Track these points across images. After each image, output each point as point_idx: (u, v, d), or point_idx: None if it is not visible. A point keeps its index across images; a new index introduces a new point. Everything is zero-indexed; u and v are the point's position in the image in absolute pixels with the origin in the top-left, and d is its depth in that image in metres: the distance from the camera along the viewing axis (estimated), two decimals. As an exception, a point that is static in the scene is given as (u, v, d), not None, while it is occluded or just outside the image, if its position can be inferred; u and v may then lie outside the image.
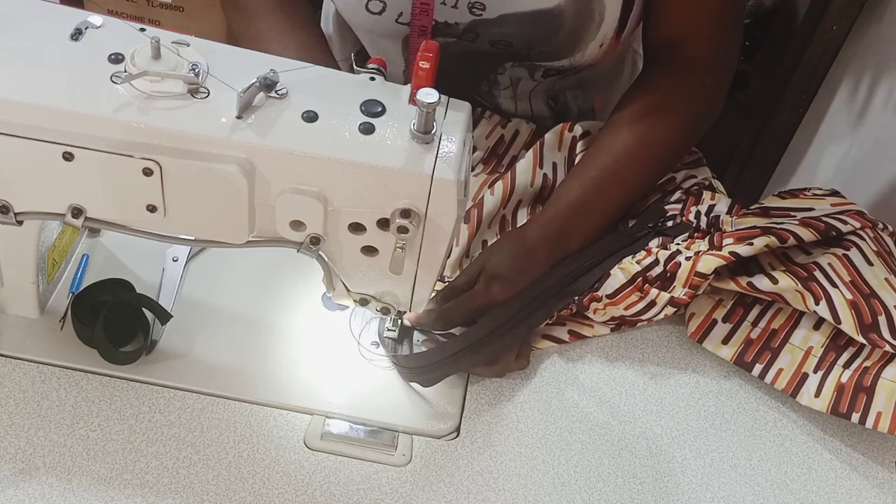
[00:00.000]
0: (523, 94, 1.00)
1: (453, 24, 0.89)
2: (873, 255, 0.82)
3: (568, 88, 1.01)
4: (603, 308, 0.81)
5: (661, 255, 0.82)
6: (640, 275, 0.81)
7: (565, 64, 0.92)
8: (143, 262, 0.83)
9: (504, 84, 0.98)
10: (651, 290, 0.80)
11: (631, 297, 0.81)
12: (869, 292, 0.78)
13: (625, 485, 0.74)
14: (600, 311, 0.81)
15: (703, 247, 0.82)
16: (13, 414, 0.71)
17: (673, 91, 0.89)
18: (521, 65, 0.95)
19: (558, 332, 0.83)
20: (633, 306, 0.81)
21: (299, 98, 0.63)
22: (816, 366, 0.79)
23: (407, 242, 0.65)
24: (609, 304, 0.81)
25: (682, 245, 0.84)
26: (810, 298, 0.78)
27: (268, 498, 0.69)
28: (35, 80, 0.61)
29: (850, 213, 0.85)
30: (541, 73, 0.95)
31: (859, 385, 0.76)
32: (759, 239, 0.80)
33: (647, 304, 0.80)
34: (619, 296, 0.81)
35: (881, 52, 1.23)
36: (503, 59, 0.94)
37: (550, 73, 0.95)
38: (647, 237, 0.86)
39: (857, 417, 0.76)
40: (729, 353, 0.82)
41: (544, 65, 0.93)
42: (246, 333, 0.79)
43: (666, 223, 0.86)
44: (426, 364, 0.75)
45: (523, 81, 0.97)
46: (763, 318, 0.83)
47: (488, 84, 0.98)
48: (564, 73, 0.95)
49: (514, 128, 0.99)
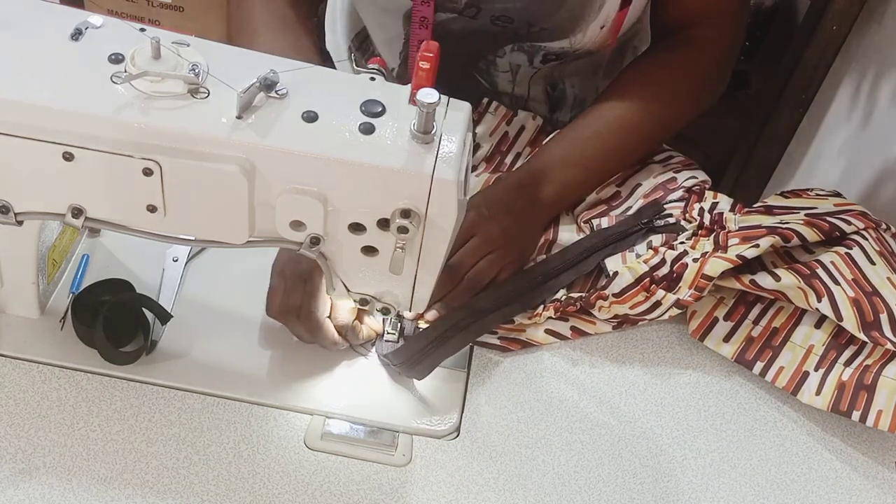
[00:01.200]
0: (523, 80, 1.00)
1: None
2: (876, 254, 0.82)
3: (567, 76, 1.01)
4: (608, 306, 0.81)
5: (669, 255, 0.82)
6: (647, 275, 0.81)
7: (565, 45, 0.93)
8: (143, 262, 0.83)
9: (503, 68, 0.99)
10: (657, 291, 0.80)
11: (637, 297, 0.81)
12: (871, 290, 0.78)
13: (625, 485, 0.74)
14: (605, 309, 0.82)
15: (709, 246, 0.83)
16: (13, 414, 0.71)
17: (672, 66, 0.92)
18: (521, 48, 0.95)
19: (561, 327, 0.83)
20: (639, 306, 0.81)
21: (299, 98, 0.63)
22: (817, 364, 0.79)
23: (407, 242, 0.65)
24: (615, 302, 0.81)
25: (687, 244, 0.84)
26: (812, 295, 0.78)
27: (268, 498, 0.69)
28: (35, 80, 0.61)
29: (853, 213, 0.85)
30: (540, 58, 0.95)
31: (860, 383, 0.76)
32: (765, 239, 0.80)
33: (652, 304, 0.81)
34: (625, 295, 0.81)
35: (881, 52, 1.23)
36: (503, 40, 0.94)
37: (550, 58, 0.96)
38: (639, 233, 0.86)
39: (857, 415, 0.76)
40: (730, 351, 0.82)
41: (544, 46, 0.93)
42: (246, 333, 0.79)
43: (659, 221, 0.87)
44: (411, 355, 0.76)
45: (523, 69, 0.98)
46: (764, 316, 0.83)
47: (486, 63, 0.99)
48: (563, 59, 0.96)
49: (519, 123, 0.99)
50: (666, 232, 0.86)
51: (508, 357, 0.81)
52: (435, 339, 0.77)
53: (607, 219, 0.89)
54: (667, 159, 0.95)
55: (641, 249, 0.85)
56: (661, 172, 0.92)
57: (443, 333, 0.78)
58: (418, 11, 0.88)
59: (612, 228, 0.87)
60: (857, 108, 1.28)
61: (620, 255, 0.85)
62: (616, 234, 0.86)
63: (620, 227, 0.87)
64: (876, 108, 1.24)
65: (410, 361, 0.76)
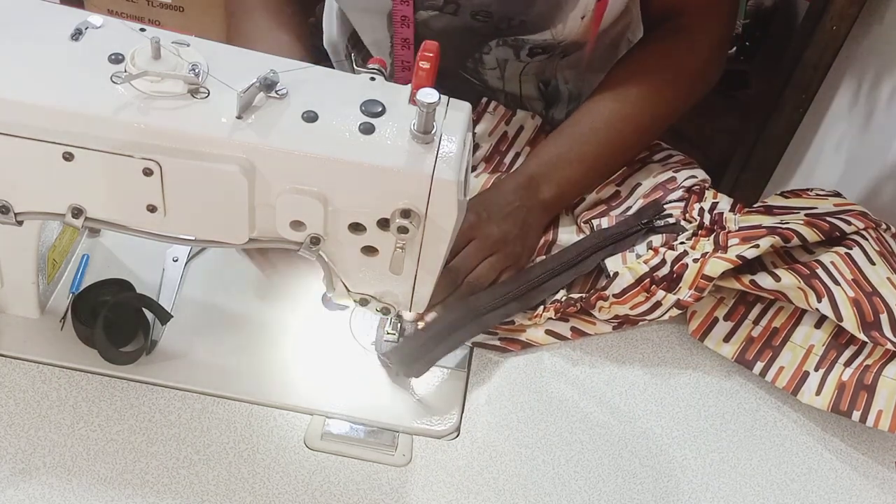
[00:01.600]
0: (512, 76, 1.00)
1: None
2: (876, 254, 0.82)
3: (559, 71, 1.01)
4: (608, 307, 0.81)
5: (669, 255, 0.82)
6: (648, 275, 0.81)
7: (548, 38, 0.92)
8: (143, 262, 0.83)
9: (490, 65, 0.98)
10: (658, 292, 0.80)
11: (637, 298, 0.81)
12: (871, 290, 0.79)
13: (625, 485, 0.74)
14: (605, 310, 0.82)
15: (709, 246, 0.83)
16: (13, 414, 0.71)
17: (665, 55, 0.92)
18: (506, 43, 0.94)
19: (560, 328, 0.83)
20: (639, 306, 0.81)
21: (299, 98, 0.63)
22: (818, 364, 0.79)
23: (407, 242, 0.65)
24: (615, 302, 0.81)
25: (688, 244, 0.84)
26: (812, 296, 0.78)
27: (268, 498, 0.69)
28: (35, 80, 0.61)
29: (853, 213, 0.85)
30: (526, 51, 0.95)
31: (860, 383, 0.76)
32: (765, 240, 0.80)
33: (652, 304, 0.81)
34: (625, 295, 0.81)
35: (881, 52, 1.23)
36: (487, 36, 0.94)
37: (536, 52, 0.95)
38: (638, 234, 0.86)
39: (857, 415, 0.76)
40: (730, 351, 0.82)
41: (528, 40, 0.93)
42: (246, 333, 0.79)
43: (659, 221, 0.87)
44: (408, 352, 0.76)
45: (510, 63, 0.98)
46: (764, 316, 0.83)
47: (473, 62, 0.98)
48: (551, 52, 0.95)
49: (518, 123, 0.99)
50: (666, 232, 0.86)
51: (508, 357, 0.81)
52: (432, 336, 0.77)
53: (607, 219, 0.89)
54: (666, 158, 0.95)
55: (641, 250, 0.85)
56: (661, 172, 0.92)
57: (440, 331, 0.78)
58: (399, 10, 0.89)
59: (612, 229, 0.87)
60: (857, 108, 1.28)
61: (620, 255, 0.85)
62: (616, 234, 0.86)
63: (620, 228, 0.87)
64: (876, 108, 1.24)
65: (408, 359, 0.76)
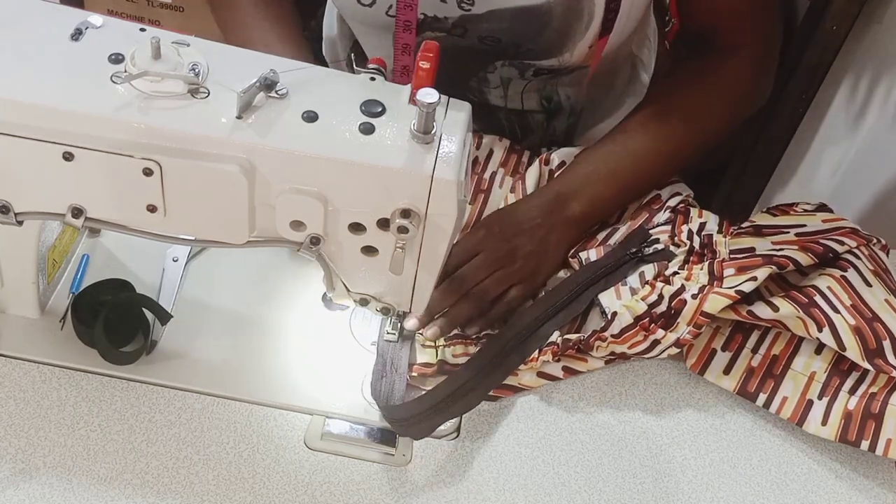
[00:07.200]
0: (515, 94, 1.00)
1: (442, 18, 0.89)
2: (871, 274, 0.81)
3: (561, 86, 1.01)
4: (606, 346, 0.79)
5: (666, 290, 0.79)
6: (646, 314, 0.79)
7: (554, 64, 0.92)
8: (143, 262, 0.83)
9: (494, 83, 0.98)
10: (657, 330, 0.78)
11: (636, 337, 0.78)
12: (871, 316, 0.77)
13: (625, 485, 0.74)
14: (602, 349, 0.79)
15: (703, 277, 0.80)
16: (13, 414, 0.71)
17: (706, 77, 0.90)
18: (512, 64, 0.94)
19: (552, 368, 0.80)
20: (637, 346, 0.79)
21: (299, 98, 0.63)
22: (821, 392, 0.78)
23: (407, 242, 0.65)
24: (613, 342, 0.79)
25: (682, 274, 0.81)
26: (813, 325, 0.76)
27: (268, 498, 0.69)
28: (35, 80, 0.61)
29: (843, 230, 0.84)
30: (531, 72, 0.95)
31: (867, 412, 0.75)
32: (761, 270, 0.78)
33: (650, 343, 0.78)
34: (624, 335, 0.79)
35: (881, 53, 1.23)
36: (493, 57, 0.94)
37: (541, 72, 0.95)
38: (629, 264, 0.84)
39: (866, 445, 0.75)
40: (731, 384, 0.80)
41: (534, 64, 0.93)
42: (246, 333, 0.79)
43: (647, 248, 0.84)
44: (412, 415, 0.72)
45: (514, 82, 0.97)
46: (763, 343, 0.81)
47: (478, 81, 0.98)
48: (555, 74, 0.95)
49: (487, 147, 0.96)
50: (656, 260, 0.83)
51: (508, 357, 0.81)
52: (437, 403, 0.73)
53: (595, 251, 0.86)
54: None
55: (633, 280, 0.82)
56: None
57: (445, 398, 0.74)
58: (402, 16, 0.89)
59: (601, 261, 0.84)
60: (857, 109, 1.28)
61: (613, 289, 0.82)
62: (606, 266, 0.83)
63: (609, 260, 0.84)
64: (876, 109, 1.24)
65: (409, 421, 0.73)
